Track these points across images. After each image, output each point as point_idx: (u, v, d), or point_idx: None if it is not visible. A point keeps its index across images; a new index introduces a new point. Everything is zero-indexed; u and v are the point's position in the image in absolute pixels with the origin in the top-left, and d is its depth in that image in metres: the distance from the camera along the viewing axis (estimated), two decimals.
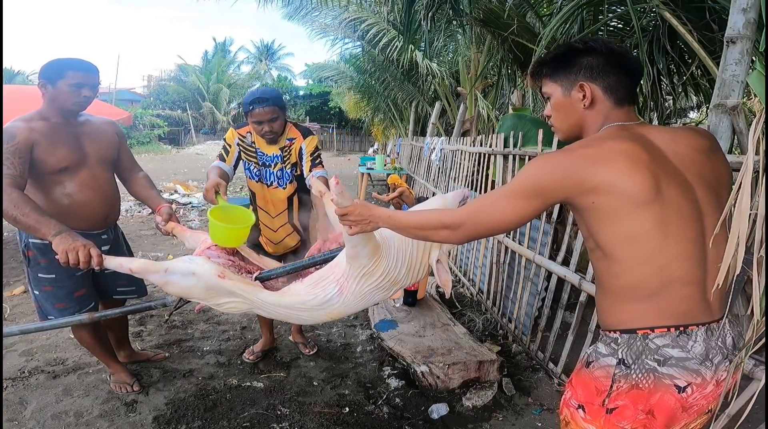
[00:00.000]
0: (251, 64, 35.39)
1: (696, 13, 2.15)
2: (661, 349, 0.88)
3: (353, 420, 2.00)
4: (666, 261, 0.88)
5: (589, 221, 0.92)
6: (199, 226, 5.80)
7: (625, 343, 0.91)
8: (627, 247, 0.89)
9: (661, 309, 0.89)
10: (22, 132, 1.67)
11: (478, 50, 5.79)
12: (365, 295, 1.40)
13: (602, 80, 0.98)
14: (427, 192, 5.77)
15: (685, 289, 0.89)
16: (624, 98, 0.99)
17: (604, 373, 0.92)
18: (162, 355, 2.48)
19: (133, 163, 2.12)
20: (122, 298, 2.19)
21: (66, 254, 1.47)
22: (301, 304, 1.42)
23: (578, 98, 0.99)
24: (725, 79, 1.54)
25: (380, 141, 15.74)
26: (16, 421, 1.94)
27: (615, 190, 0.86)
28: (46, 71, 1.73)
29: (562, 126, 1.06)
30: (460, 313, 3.18)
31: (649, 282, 0.89)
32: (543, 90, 1.07)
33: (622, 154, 0.88)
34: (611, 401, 0.91)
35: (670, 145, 0.94)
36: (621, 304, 0.93)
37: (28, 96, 4.22)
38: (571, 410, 0.99)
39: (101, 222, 1.95)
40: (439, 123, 7.42)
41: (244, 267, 1.60)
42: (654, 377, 0.88)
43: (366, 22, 6.85)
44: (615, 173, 0.86)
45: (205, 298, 1.45)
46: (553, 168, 0.91)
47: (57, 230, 1.51)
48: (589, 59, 0.98)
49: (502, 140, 3.04)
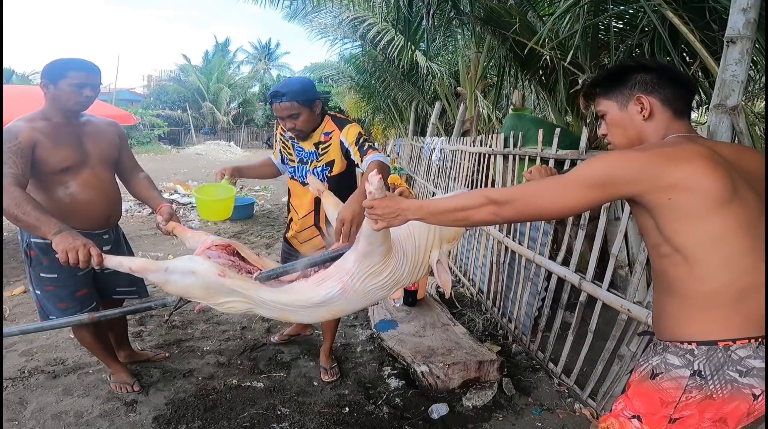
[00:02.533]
0: (251, 63, 35.39)
1: (697, 13, 2.15)
2: (744, 361, 0.87)
3: (353, 420, 2.00)
4: (751, 264, 0.86)
5: (665, 220, 0.90)
6: (199, 226, 5.80)
7: (704, 354, 0.88)
8: (712, 248, 0.87)
9: (742, 317, 0.87)
10: (25, 131, 1.68)
11: (478, 50, 5.79)
12: (368, 293, 1.40)
13: (659, 93, 0.99)
14: (427, 192, 5.77)
15: (761, 295, 0.87)
16: (682, 110, 1.00)
17: (675, 384, 0.90)
18: (162, 355, 2.48)
19: (134, 164, 2.12)
20: (122, 298, 2.19)
21: (66, 253, 1.46)
22: (302, 301, 1.42)
23: (636, 111, 1.00)
24: (725, 79, 1.54)
25: (380, 141, 15.73)
26: (16, 421, 1.93)
27: (695, 187, 0.86)
28: (48, 71, 1.73)
29: (621, 141, 1.05)
30: (460, 313, 3.18)
31: (734, 286, 0.87)
32: (597, 109, 1.07)
33: (701, 155, 0.88)
34: (677, 411, 0.90)
35: (736, 157, 0.95)
36: (699, 312, 0.90)
37: (28, 96, 4.21)
38: (621, 420, 0.98)
39: (103, 222, 1.95)
40: (439, 123, 7.41)
41: (244, 267, 1.60)
42: (732, 387, 0.87)
43: (366, 21, 6.84)
44: (695, 171, 0.86)
45: (205, 297, 1.45)
46: (629, 161, 0.90)
47: (57, 229, 1.50)
48: (643, 75, 1.00)
49: (502, 140, 3.04)
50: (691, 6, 2.16)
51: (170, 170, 11.70)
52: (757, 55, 2.14)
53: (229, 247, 1.65)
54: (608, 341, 1.99)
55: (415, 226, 1.38)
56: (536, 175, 1.48)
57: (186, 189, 7.96)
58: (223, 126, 27.20)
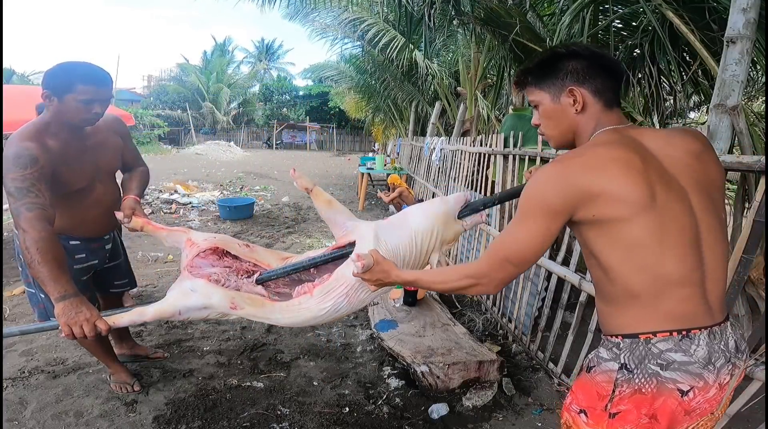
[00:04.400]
0: (251, 63, 35.40)
1: (697, 13, 2.15)
2: (663, 354, 0.87)
3: (353, 420, 2.00)
4: (663, 266, 0.87)
5: (586, 234, 0.91)
6: (198, 226, 5.80)
7: (627, 347, 0.90)
8: (623, 255, 0.88)
9: (661, 313, 0.88)
10: (42, 154, 1.51)
11: (478, 50, 5.80)
12: (370, 297, 1.42)
13: (590, 83, 0.97)
14: (427, 192, 5.77)
15: (684, 293, 0.88)
16: (612, 100, 0.98)
17: (606, 378, 0.92)
18: (161, 355, 2.47)
19: (135, 159, 2.04)
20: (119, 291, 2.22)
21: (69, 327, 1.36)
22: (314, 318, 1.43)
23: (569, 103, 0.98)
24: (725, 79, 1.54)
25: (380, 141, 15.73)
26: (16, 421, 1.94)
27: (613, 198, 0.85)
28: (51, 80, 1.52)
29: (554, 133, 1.04)
30: (460, 313, 3.18)
31: (648, 288, 0.88)
32: (530, 99, 1.05)
33: (615, 161, 0.86)
34: (614, 406, 0.91)
35: (663, 148, 0.93)
36: (621, 309, 0.92)
37: (28, 96, 4.21)
38: (572, 415, 0.99)
39: (108, 228, 1.96)
40: (439, 123, 7.42)
41: (240, 268, 1.57)
42: (657, 381, 0.87)
43: (366, 22, 6.85)
44: (612, 181, 0.85)
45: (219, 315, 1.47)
46: (553, 182, 0.89)
47: (63, 294, 1.38)
48: (574, 63, 0.97)
49: (502, 140, 3.04)
50: (691, 6, 2.16)
51: (170, 170, 11.68)
52: (757, 55, 2.14)
53: (217, 249, 1.59)
54: None
55: (418, 233, 1.38)
56: None
57: (186, 189, 7.96)
58: (223, 126, 27.20)
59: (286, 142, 28.14)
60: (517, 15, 3.29)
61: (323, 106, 27.06)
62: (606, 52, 1.05)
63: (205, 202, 7.26)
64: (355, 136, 27.72)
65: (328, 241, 5.22)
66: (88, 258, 1.90)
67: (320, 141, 28.41)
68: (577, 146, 1.03)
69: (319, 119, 28.13)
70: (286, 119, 28.45)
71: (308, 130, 27.53)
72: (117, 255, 2.13)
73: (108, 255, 2.03)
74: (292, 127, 28.19)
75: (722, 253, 0.93)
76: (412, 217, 1.43)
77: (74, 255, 1.83)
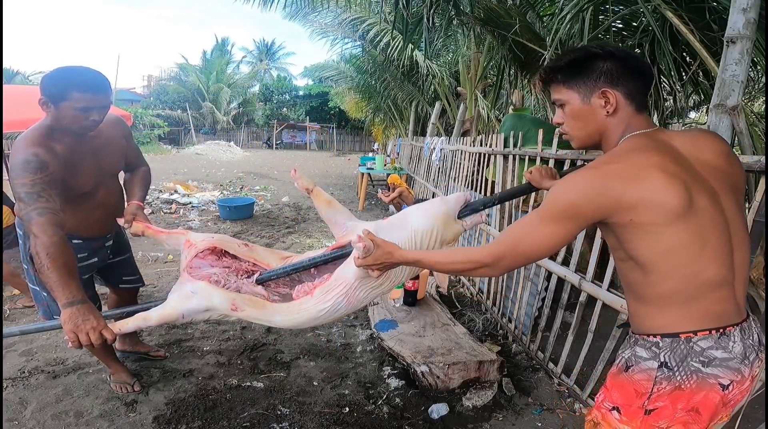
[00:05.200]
0: (251, 63, 35.40)
1: (697, 13, 2.15)
2: (705, 351, 0.89)
3: (353, 420, 2.00)
4: (702, 267, 0.89)
5: (625, 237, 0.91)
6: (198, 226, 5.80)
7: (668, 346, 0.91)
8: (666, 259, 0.89)
9: (700, 312, 0.91)
10: (51, 159, 1.51)
11: (478, 50, 5.80)
12: (369, 296, 1.42)
13: (623, 86, 0.95)
14: (428, 192, 5.77)
15: (720, 292, 0.91)
16: (642, 104, 0.97)
17: (645, 376, 0.93)
18: (162, 354, 2.48)
19: (137, 159, 2.06)
20: (128, 286, 2.22)
21: (74, 334, 1.34)
22: (314, 319, 1.44)
23: (600, 105, 0.96)
24: (725, 79, 1.54)
25: (380, 141, 15.73)
26: (16, 421, 1.94)
27: (653, 205, 0.85)
28: (47, 87, 1.50)
29: (580, 134, 1.02)
30: (460, 313, 3.18)
31: (687, 288, 0.90)
32: (555, 97, 1.02)
33: (654, 169, 0.86)
34: (651, 402, 0.92)
35: (693, 152, 0.94)
36: (658, 309, 0.93)
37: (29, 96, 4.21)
38: (603, 412, 1.00)
39: (110, 228, 1.96)
40: (439, 123, 7.42)
41: (240, 268, 1.57)
42: (697, 378, 0.89)
43: (366, 22, 6.85)
44: (652, 189, 0.85)
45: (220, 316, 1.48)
46: (588, 188, 0.88)
47: (71, 300, 1.36)
48: (608, 64, 0.94)
49: (502, 140, 3.04)
50: (691, 6, 2.16)
51: (170, 170, 11.68)
52: (757, 55, 2.14)
53: (216, 249, 1.59)
54: (608, 341, 1.99)
55: (418, 233, 1.39)
56: (536, 176, 1.48)
57: (186, 189, 7.95)
58: (223, 126, 27.20)
59: (286, 142, 28.15)
60: (516, 15, 3.29)
61: (323, 106, 27.06)
62: (638, 54, 1.04)
63: (205, 202, 7.26)
64: (355, 136, 27.73)
65: (328, 241, 5.22)
66: (89, 257, 1.90)
67: (320, 141, 28.43)
68: (603, 148, 1.03)
69: (319, 119, 28.13)
70: (286, 119, 28.45)
71: (308, 130, 27.54)
72: (123, 250, 2.14)
73: (110, 252, 2.04)
74: (292, 127, 28.19)
75: (747, 253, 0.96)
76: (412, 217, 1.43)
77: (76, 254, 1.82)
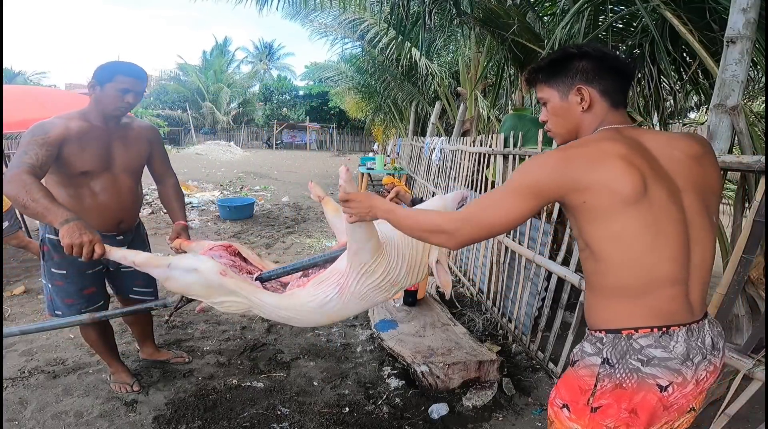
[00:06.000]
0: (251, 63, 35.39)
1: (697, 13, 2.15)
2: (644, 349, 0.90)
3: (353, 420, 2.00)
4: (653, 262, 0.89)
5: (580, 220, 0.94)
6: (198, 226, 5.80)
7: (610, 342, 0.92)
8: (614, 246, 0.90)
9: (646, 309, 0.91)
10: (57, 128, 1.68)
11: (478, 50, 5.79)
12: (365, 295, 1.40)
13: (598, 83, 0.99)
14: (427, 192, 5.77)
15: (671, 290, 0.91)
16: (618, 101, 1.01)
17: (589, 372, 0.94)
18: (183, 359, 2.45)
19: (164, 169, 2.13)
20: (139, 298, 2.14)
21: (71, 248, 1.44)
22: (300, 305, 1.42)
23: (576, 102, 1.01)
24: (725, 79, 1.54)
25: (380, 141, 15.73)
26: (16, 421, 1.94)
27: (606, 189, 0.88)
28: (98, 73, 1.75)
29: (560, 130, 1.07)
30: (460, 313, 3.18)
31: (636, 282, 0.90)
32: (539, 95, 1.08)
33: (615, 156, 0.89)
34: (595, 400, 0.93)
35: (663, 149, 0.95)
36: (607, 302, 0.95)
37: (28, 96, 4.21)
38: (555, 409, 1.01)
39: (113, 226, 1.95)
40: (439, 123, 7.42)
41: (245, 268, 1.60)
42: (637, 377, 0.90)
43: (366, 22, 6.85)
44: (608, 174, 0.88)
45: (205, 295, 1.46)
46: (550, 167, 0.92)
47: (64, 219, 1.45)
48: (584, 63, 0.99)
49: (502, 140, 3.04)
50: (690, 6, 2.16)
51: None
52: (757, 55, 2.14)
53: (231, 247, 1.66)
54: None
55: None
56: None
57: (186, 189, 7.96)
58: (223, 126, 27.20)
59: (286, 142, 28.14)
60: (515, 15, 3.29)
61: (323, 106, 27.06)
62: (617, 53, 1.07)
63: (205, 202, 7.26)
64: (355, 136, 27.72)
65: (328, 241, 5.22)
66: None
67: (320, 141, 28.42)
68: None
69: (319, 119, 28.13)
70: (286, 119, 28.45)
71: (308, 130, 27.53)
72: None
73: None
74: (292, 127, 28.19)
75: (709, 255, 0.96)
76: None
77: None
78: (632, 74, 1.04)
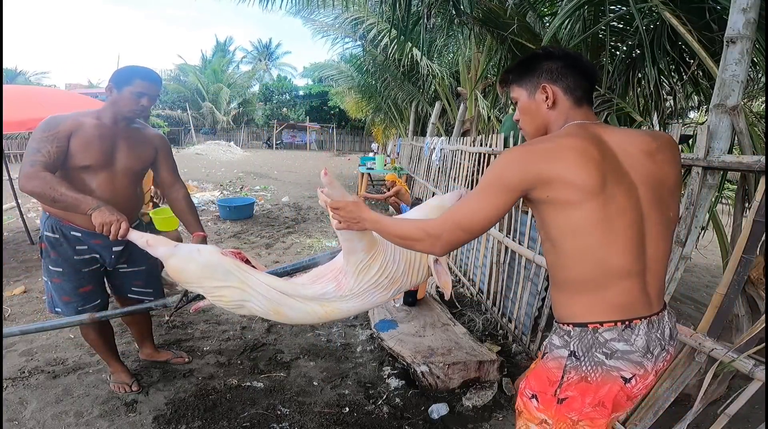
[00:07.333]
0: (251, 63, 35.39)
1: (696, 13, 2.15)
2: (608, 343, 0.93)
3: (353, 420, 2.00)
4: (606, 254, 0.92)
5: (542, 214, 0.97)
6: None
7: (577, 336, 0.96)
8: (571, 239, 0.94)
9: (606, 303, 0.94)
10: (67, 123, 1.73)
11: (478, 50, 5.79)
12: (364, 293, 1.40)
13: (562, 82, 1.04)
14: (427, 192, 5.77)
15: (627, 283, 0.94)
16: (582, 98, 1.05)
17: (557, 364, 0.98)
18: (183, 359, 2.44)
19: (173, 179, 2.10)
20: (138, 298, 2.12)
21: (102, 226, 1.61)
22: (294, 291, 1.43)
23: (542, 99, 1.06)
24: (725, 79, 1.54)
25: (380, 141, 15.74)
26: (16, 421, 1.94)
27: (567, 183, 0.91)
28: (117, 76, 1.81)
29: (529, 128, 1.12)
30: (460, 313, 3.18)
31: (590, 274, 0.94)
32: (512, 95, 1.14)
33: (574, 151, 0.92)
34: (562, 391, 0.96)
35: (621, 145, 0.99)
36: (572, 296, 0.98)
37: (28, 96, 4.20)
38: (524, 400, 1.05)
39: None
40: (439, 123, 7.42)
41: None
42: (602, 370, 0.94)
43: (366, 22, 6.85)
44: (568, 168, 0.91)
45: (200, 277, 1.48)
46: (515, 161, 0.96)
47: (95, 205, 1.63)
48: (549, 63, 1.05)
49: (502, 140, 3.04)
50: (690, 6, 2.16)
51: None
52: (757, 55, 2.14)
53: (240, 254, 1.65)
54: None
55: None
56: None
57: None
58: (223, 126, 27.19)
59: (286, 142, 28.14)
60: (515, 15, 3.29)
61: (323, 106, 27.07)
62: (581, 54, 1.13)
63: (205, 202, 7.26)
64: (355, 136, 27.72)
65: (328, 241, 5.22)
66: (89, 250, 1.91)
67: (320, 141, 28.42)
68: None
69: (319, 119, 28.13)
70: (286, 119, 28.45)
71: (308, 130, 27.53)
72: (137, 261, 2.06)
73: (118, 257, 1.99)
74: (292, 127, 28.18)
75: (665, 249, 0.99)
76: (410, 216, 1.44)
77: (75, 245, 1.88)
78: (594, 74, 1.09)
